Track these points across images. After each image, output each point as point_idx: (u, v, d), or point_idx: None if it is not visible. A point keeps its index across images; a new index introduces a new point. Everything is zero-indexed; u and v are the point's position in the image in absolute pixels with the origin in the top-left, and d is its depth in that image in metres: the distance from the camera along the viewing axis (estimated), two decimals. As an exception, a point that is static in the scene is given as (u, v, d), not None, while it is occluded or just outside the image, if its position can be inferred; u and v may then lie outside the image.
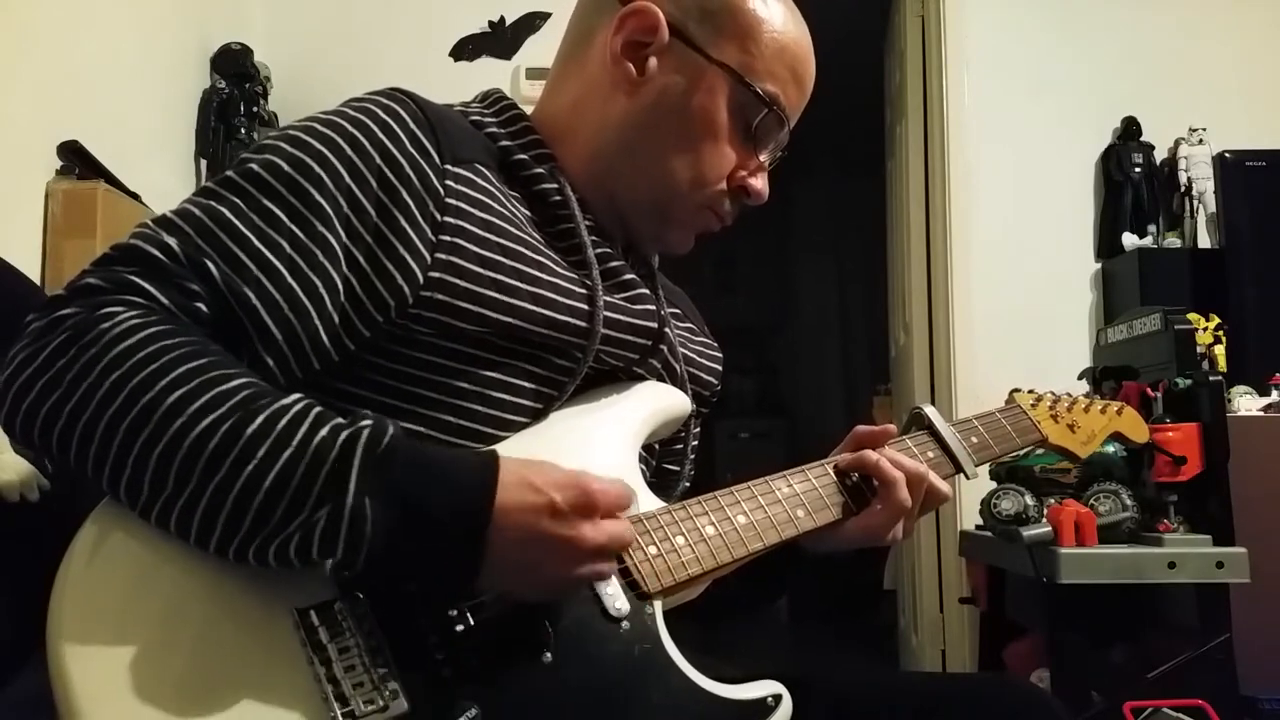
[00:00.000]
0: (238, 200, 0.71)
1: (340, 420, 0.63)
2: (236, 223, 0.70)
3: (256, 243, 0.70)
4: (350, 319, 0.74)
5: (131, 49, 2.36)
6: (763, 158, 0.90)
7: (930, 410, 0.96)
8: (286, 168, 0.73)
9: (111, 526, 0.63)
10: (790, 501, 0.84)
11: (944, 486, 0.91)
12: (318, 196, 0.72)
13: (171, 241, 0.68)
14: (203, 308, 0.68)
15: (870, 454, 0.89)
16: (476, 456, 0.67)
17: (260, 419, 0.61)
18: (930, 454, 0.94)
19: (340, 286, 0.73)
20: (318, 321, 0.72)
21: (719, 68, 0.85)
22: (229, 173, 0.74)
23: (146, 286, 0.66)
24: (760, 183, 0.90)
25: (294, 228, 0.71)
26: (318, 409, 0.64)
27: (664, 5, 0.86)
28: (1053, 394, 1.11)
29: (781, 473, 0.86)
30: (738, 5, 0.87)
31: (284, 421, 0.62)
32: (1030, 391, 1.10)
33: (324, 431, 0.62)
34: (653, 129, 0.87)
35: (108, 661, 0.57)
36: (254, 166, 0.73)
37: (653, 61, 0.86)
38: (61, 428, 0.62)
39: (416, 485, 0.63)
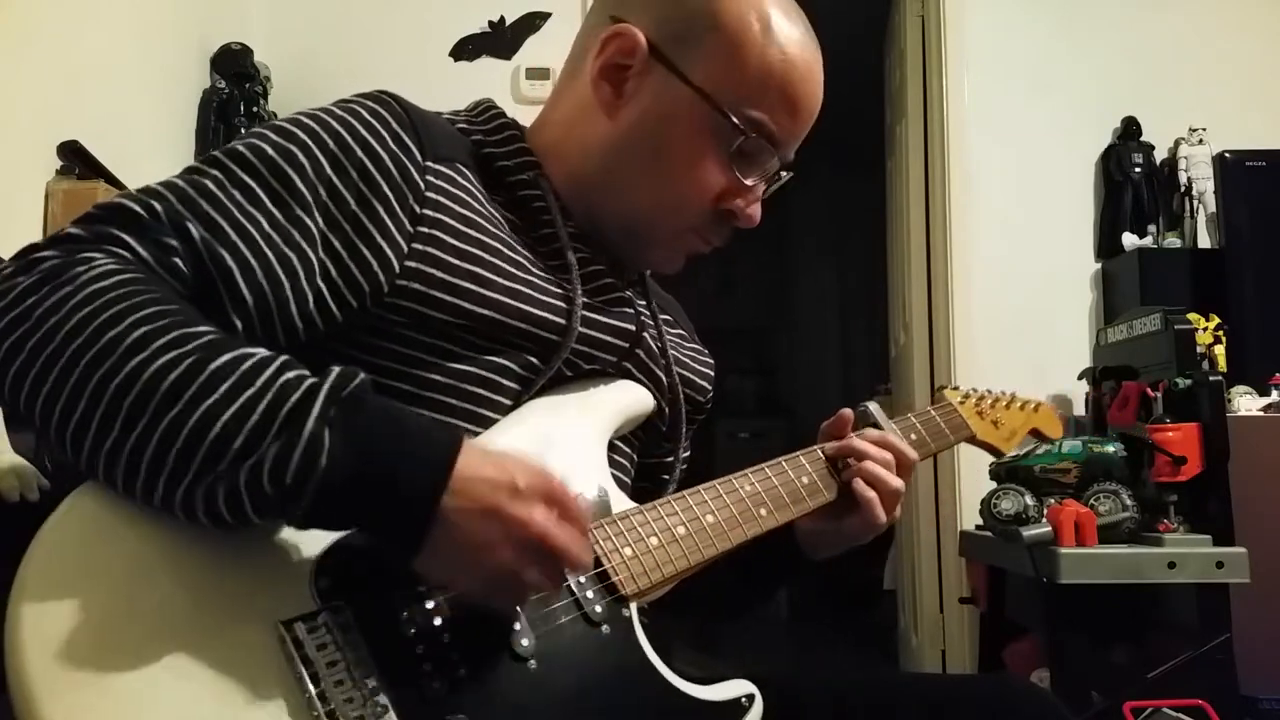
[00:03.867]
0: (221, 175, 0.72)
1: (307, 370, 0.63)
2: (218, 194, 0.71)
3: (237, 213, 0.71)
4: (325, 301, 0.74)
5: (131, 49, 2.35)
6: (749, 182, 0.86)
7: (874, 407, 0.99)
8: (271, 152, 0.74)
9: (79, 539, 0.59)
10: (753, 499, 0.86)
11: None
12: (299, 183, 0.73)
13: (154, 202, 0.69)
14: (180, 264, 0.68)
15: (855, 442, 0.92)
16: (444, 424, 0.67)
17: (224, 358, 0.60)
18: None
19: (316, 268, 0.73)
20: (289, 293, 0.72)
21: (696, 92, 0.83)
22: (214, 153, 0.75)
23: (126, 239, 0.67)
24: (748, 207, 0.87)
25: (273, 209, 0.72)
26: (285, 357, 0.63)
27: (647, 26, 0.85)
28: (975, 390, 1.15)
29: (743, 471, 0.87)
30: (723, 24, 0.83)
31: (249, 363, 0.61)
32: (956, 388, 1.14)
33: (290, 374, 0.61)
34: (629, 154, 0.86)
35: (80, 684, 0.54)
36: (239, 148, 0.74)
37: (631, 84, 0.85)
38: (20, 364, 0.60)
39: (379, 431, 0.62)
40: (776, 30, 0.84)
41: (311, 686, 0.59)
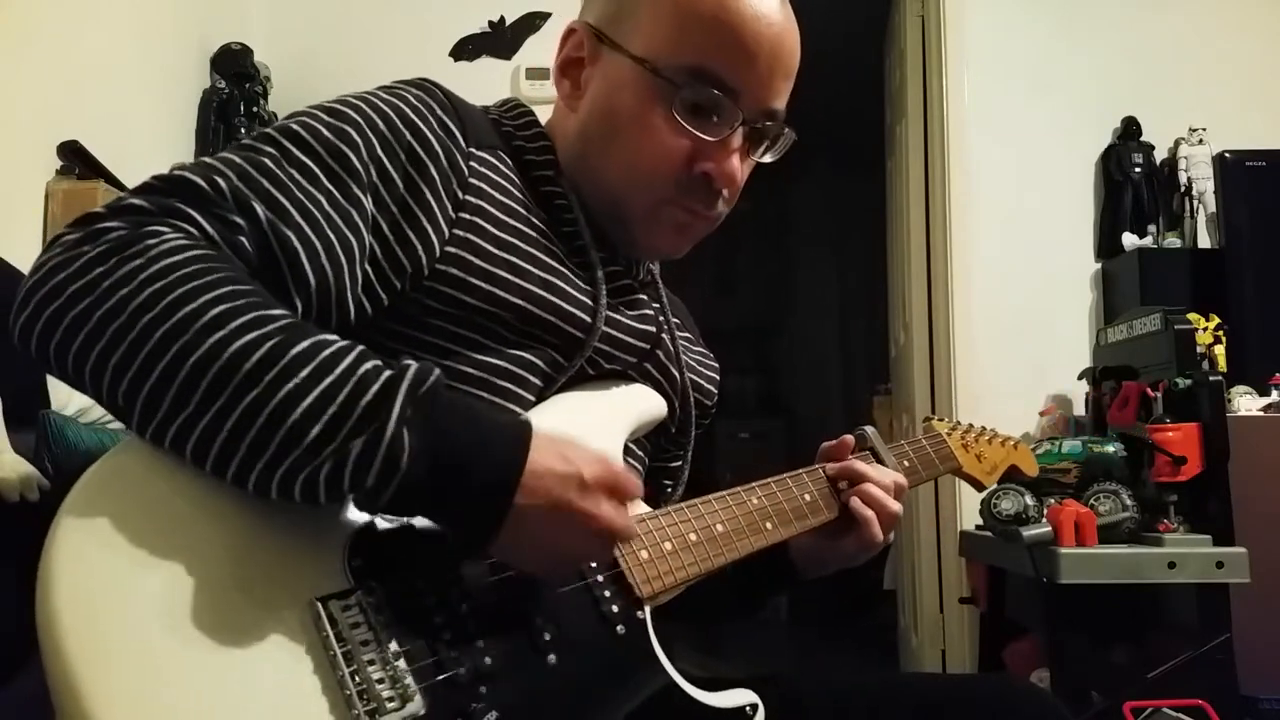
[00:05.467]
0: (277, 153, 0.72)
1: (382, 361, 0.63)
2: (278, 172, 0.71)
3: (298, 193, 0.71)
4: (372, 284, 0.75)
5: (131, 49, 2.35)
6: (709, 137, 0.83)
7: (871, 431, 1.01)
8: (325, 131, 0.74)
9: (114, 502, 0.59)
10: (759, 513, 0.88)
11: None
12: (354, 161, 0.74)
13: (217, 178, 0.68)
14: (245, 242, 0.67)
15: (857, 464, 0.95)
16: (513, 417, 0.68)
17: (305, 343, 0.61)
18: None
19: (367, 251, 0.74)
20: (347, 278, 0.72)
21: (633, 61, 0.84)
22: (267, 130, 0.74)
23: (193, 214, 0.66)
24: (720, 164, 0.84)
25: (331, 187, 0.72)
26: (361, 347, 0.63)
27: (595, 18, 0.88)
28: (960, 423, 1.17)
29: (749, 485, 0.89)
30: None
31: (329, 350, 0.61)
32: (942, 420, 1.16)
33: (368, 365, 0.62)
34: (592, 138, 0.87)
35: (118, 660, 0.54)
36: (293, 126, 0.74)
37: (585, 74, 0.88)
38: (87, 333, 0.59)
39: (455, 429, 0.63)
40: None
41: (345, 665, 0.60)
